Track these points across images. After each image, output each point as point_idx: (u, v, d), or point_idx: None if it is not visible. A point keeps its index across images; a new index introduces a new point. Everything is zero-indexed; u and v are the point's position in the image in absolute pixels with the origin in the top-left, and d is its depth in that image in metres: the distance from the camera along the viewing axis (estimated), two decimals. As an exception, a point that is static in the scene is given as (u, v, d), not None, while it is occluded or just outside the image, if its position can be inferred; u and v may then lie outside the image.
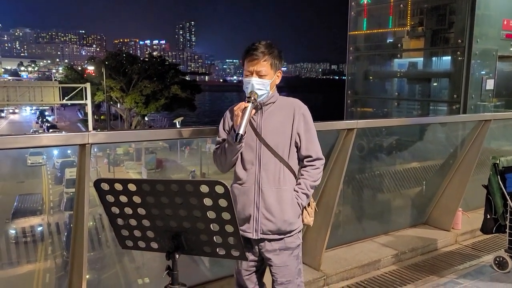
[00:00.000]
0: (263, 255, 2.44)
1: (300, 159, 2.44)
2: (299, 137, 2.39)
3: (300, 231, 2.47)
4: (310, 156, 2.41)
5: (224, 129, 2.47)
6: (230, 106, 2.50)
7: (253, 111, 2.32)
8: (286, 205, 2.35)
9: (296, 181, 2.42)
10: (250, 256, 2.46)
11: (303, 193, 2.38)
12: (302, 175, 2.41)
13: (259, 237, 2.37)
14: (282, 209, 2.34)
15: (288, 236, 2.40)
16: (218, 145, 2.47)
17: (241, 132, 2.21)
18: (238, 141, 2.23)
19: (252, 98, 2.28)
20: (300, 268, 2.51)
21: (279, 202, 2.34)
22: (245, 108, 2.26)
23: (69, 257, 2.76)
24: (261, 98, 2.36)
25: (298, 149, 2.42)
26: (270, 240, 2.39)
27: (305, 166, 2.42)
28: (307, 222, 2.49)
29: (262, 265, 2.53)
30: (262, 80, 2.32)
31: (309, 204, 2.48)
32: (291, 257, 2.43)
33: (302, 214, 2.45)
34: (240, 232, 2.35)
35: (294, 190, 2.39)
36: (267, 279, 2.59)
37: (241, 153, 2.38)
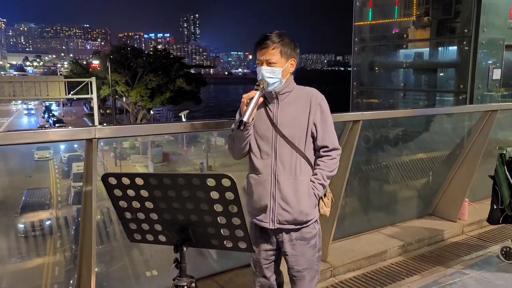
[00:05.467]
0: (280, 245, 2.47)
1: (316, 149, 2.43)
2: (316, 127, 2.37)
3: (316, 220, 2.47)
4: (326, 147, 2.40)
5: None
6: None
7: (261, 99, 2.30)
8: (303, 196, 2.35)
9: (313, 172, 2.41)
10: (268, 246, 2.48)
11: (319, 183, 2.38)
12: (318, 165, 2.40)
13: (275, 227, 2.38)
14: (299, 200, 2.34)
15: (305, 227, 2.41)
16: (231, 132, 2.48)
17: (245, 119, 2.19)
18: (242, 128, 2.22)
19: (261, 86, 2.26)
20: (319, 255, 2.53)
21: (295, 193, 2.34)
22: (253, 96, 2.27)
23: (78, 250, 2.79)
24: (274, 87, 2.33)
25: (314, 139, 2.41)
26: (287, 231, 2.40)
27: (322, 156, 2.41)
28: (323, 213, 2.47)
29: (280, 253, 2.54)
30: (272, 68, 2.30)
31: (325, 195, 2.47)
32: (307, 247, 2.44)
33: (318, 204, 2.45)
34: (257, 221, 2.40)
35: (311, 181, 2.38)
36: (282, 266, 2.61)
37: (257, 144, 2.38)
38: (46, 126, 44.71)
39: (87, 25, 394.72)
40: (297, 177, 2.34)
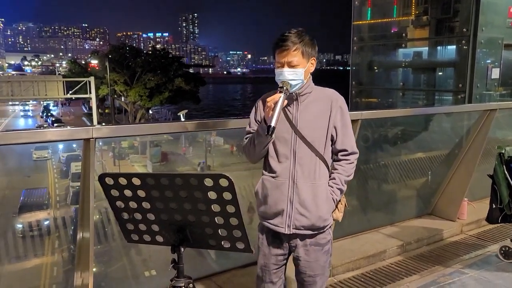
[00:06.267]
0: (292, 250, 2.40)
1: (334, 153, 2.36)
2: (336, 130, 2.31)
3: (331, 226, 2.41)
4: (345, 150, 2.33)
5: (255, 120, 2.39)
6: (262, 96, 2.39)
7: (285, 101, 2.21)
8: (321, 201, 2.28)
9: (329, 175, 2.34)
10: (279, 251, 2.40)
11: (338, 188, 2.32)
12: (336, 169, 2.34)
13: (291, 232, 2.31)
14: (317, 205, 2.28)
15: (321, 232, 2.35)
16: (248, 136, 2.39)
17: (273, 124, 2.10)
18: (270, 133, 2.12)
19: (285, 88, 2.19)
20: (330, 261, 2.48)
21: (314, 197, 2.27)
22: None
23: (76, 250, 2.78)
24: (296, 88, 2.26)
25: (333, 142, 2.34)
26: (302, 237, 2.34)
27: (339, 160, 2.34)
28: (336, 218, 2.40)
29: (288, 258, 2.48)
30: (294, 70, 2.22)
31: (340, 200, 2.41)
32: (321, 252, 2.38)
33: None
34: (271, 226, 2.33)
35: (329, 185, 2.32)
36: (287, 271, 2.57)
37: (275, 146, 2.31)
38: (45, 126, 44.70)
39: (86, 25, 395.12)
40: (315, 181, 2.27)
